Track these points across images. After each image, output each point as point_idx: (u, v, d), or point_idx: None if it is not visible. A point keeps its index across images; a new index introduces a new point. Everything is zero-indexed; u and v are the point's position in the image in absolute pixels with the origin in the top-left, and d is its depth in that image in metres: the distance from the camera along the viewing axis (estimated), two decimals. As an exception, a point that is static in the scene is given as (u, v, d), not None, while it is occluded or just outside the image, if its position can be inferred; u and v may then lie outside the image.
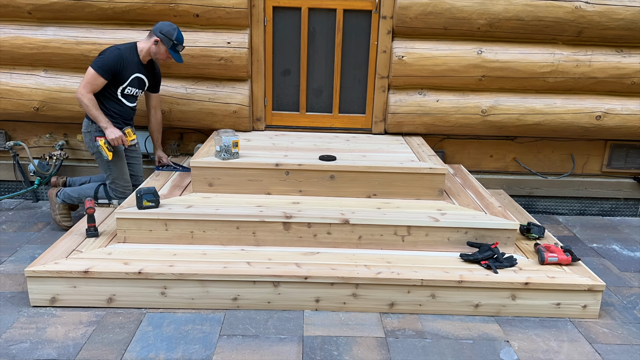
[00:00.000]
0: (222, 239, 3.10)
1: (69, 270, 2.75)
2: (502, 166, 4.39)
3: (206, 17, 3.77)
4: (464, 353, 2.55)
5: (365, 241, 3.12)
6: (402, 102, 4.03)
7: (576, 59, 3.90)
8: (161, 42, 3.41)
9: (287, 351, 2.51)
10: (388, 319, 2.82)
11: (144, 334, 2.61)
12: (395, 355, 2.51)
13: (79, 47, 3.81)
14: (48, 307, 2.80)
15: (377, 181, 3.39)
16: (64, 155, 4.15)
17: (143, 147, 4.17)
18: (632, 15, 3.75)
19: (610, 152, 4.35)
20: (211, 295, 2.82)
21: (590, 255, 3.73)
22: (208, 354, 2.47)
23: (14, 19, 3.82)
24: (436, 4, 3.73)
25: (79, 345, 2.51)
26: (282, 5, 3.91)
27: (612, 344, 2.68)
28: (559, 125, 4.06)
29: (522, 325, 2.81)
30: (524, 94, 4.03)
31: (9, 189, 4.38)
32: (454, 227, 3.10)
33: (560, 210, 4.53)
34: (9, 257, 3.35)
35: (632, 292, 3.21)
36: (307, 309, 2.86)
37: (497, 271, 2.88)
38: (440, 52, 3.88)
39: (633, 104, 4.05)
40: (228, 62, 3.87)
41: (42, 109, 3.97)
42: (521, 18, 3.76)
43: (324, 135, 4.12)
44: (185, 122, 4.05)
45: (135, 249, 3.03)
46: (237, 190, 3.39)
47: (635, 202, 4.52)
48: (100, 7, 3.71)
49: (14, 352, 2.45)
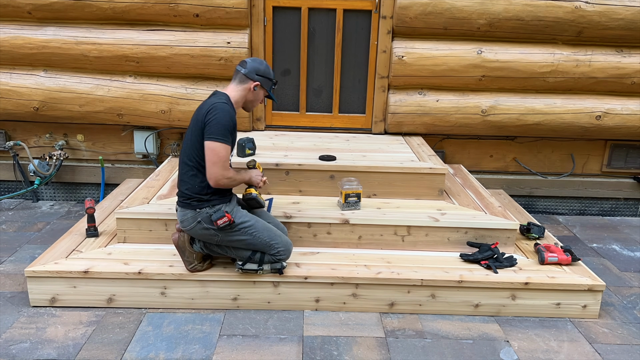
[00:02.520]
0: (222, 239, 3.10)
1: (69, 270, 2.75)
2: (502, 166, 4.39)
3: (206, 17, 3.77)
4: (464, 353, 2.55)
5: (365, 241, 3.12)
6: (402, 102, 4.03)
7: (576, 59, 3.90)
8: (261, 85, 2.74)
9: (287, 351, 2.51)
10: (388, 319, 2.82)
11: (144, 334, 2.60)
12: (395, 355, 2.51)
13: (78, 47, 3.81)
14: (48, 307, 2.80)
15: (377, 181, 3.39)
16: (64, 155, 4.15)
17: (143, 146, 4.17)
18: (632, 15, 3.74)
19: (610, 152, 4.35)
20: (211, 295, 2.82)
21: (590, 255, 3.73)
22: (208, 354, 2.47)
23: (14, 19, 3.82)
24: (436, 4, 3.73)
25: (79, 345, 2.51)
26: (282, 5, 3.91)
27: (612, 344, 2.68)
28: (559, 125, 4.06)
29: (522, 325, 2.81)
30: (524, 94, 4.03)
31: (9, 189, 4.38)
32: (454, 227, 3.10)
33: (560, 210, 4.53)
34: (9, 257, 3.35)
35: (632, 292, 3.21)
36: (307, 309, 2.86)
37: (497, 271, 2.88)
38: (440, 52, 3.88)
39: (633, 104, 4.05)
40: (228, 62, 3.86)
41: (42, 109, 3.97)
42: (521, 18, 3.76)
43: (323, 135, 4.12)
44: (185, 122, 4.04)
45: (135, 249, 3.02)
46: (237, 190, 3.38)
47: (635, 202, 4.51)
48: (100, 7, 3.71)
49: (14, 352, 2.45)
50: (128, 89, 3.93)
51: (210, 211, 2.61)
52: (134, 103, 3.95)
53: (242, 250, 2.73)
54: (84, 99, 3.93)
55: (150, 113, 3.99)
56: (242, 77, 2.70)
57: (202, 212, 2.61)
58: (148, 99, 3.95)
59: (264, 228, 2.72)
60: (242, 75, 2.70)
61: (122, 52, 3.81)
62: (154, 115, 4.00)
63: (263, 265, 2.75)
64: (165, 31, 3.82)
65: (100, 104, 3.95)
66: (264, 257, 2.74)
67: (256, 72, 2.70)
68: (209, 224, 2.61)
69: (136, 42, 3.80)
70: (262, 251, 2.73)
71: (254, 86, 2.70)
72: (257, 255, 2.73)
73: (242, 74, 2.70)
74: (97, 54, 3.82)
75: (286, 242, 2.77)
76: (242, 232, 2.66)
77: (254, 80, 2.70)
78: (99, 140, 4.26)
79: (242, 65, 2.71)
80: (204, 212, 2.61)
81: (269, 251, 2.73)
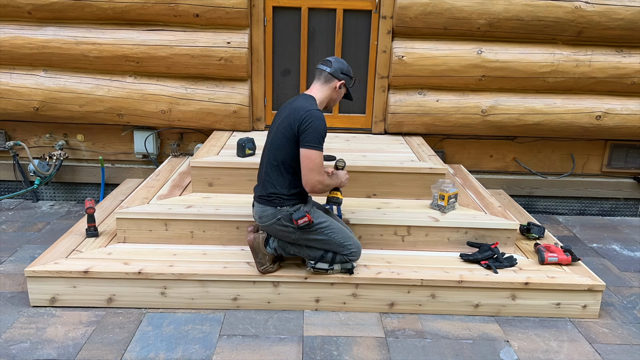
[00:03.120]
0: (222, 239, 3.10)
1: (69, 270, 2.75)
2: (502, 166, 4.39)
3: (206, 17, 3.77)
4: (464, 353, 2.55)
5: (365, 241, 3.11)
6: (402, 102, 4.03)
7: (576, 59, 3.90)
8: (344, 84, 2.76)
9: (287, 351, 2.51)
10: (388, 319, 2.82)
11: (144, 334, 2.60)
12: (395, 355, 2.51)
13: (78, 47, 3.81)
14: (48, 307, 2.80)
15: (377, 181, 3.39)
16: (63, 155, 4.15)
17: (143, 146, 4.17)
18: (632, 15, 3.74)
19: (610, 152, 4.35)
20: (211, 295, 2.82)
21: (590, 255, 3.73)
22: (208, 354, 2.47)
23: (14, 19, 3.82)
24: (436, 4, 3.73)
25: (79, 345, 2.51)
26: (282, 5, 3.91)
27: (612, 344, 2.68)
28: (559, 125, 4.06)
29: (522, 325, 2.81)
30: (524, 94, 4.03)
31: (9, 189, 4.38)
32: (454, 227, 3.10)
33: (560, 210, 4.53)
34: (9, 257, 3.35)
35: (632, 292, 3.21)
36: (307, 309, 2.86)
37: (497, 271, 2.88)
38: (440, 52, 3.88)
39: (633, 104, 4.05)
40: (228, 62, 3.86)
41: (42, 109, 3.97)
42: (521, 18, 3.76)
43: (324, 135, 4.12)
44: (185, 122, 4.05)
45: (135, 249, 3.02)
46: (237, 190, 3.39)
47: (635, 202, 4.51)
48: (100, 7, 3.71)
49: (14, 352, 2.45)
50: (128, 89, 3.93)
51: (290, 210, 2.65)
52: (134, 103, 3.95)
53: (315, 250, 2.76)
54: (84, 99, 3.93)
55: (150, 113, 3.99)
56: (327, 77, 2.72)
57: (283, 210, 2.65)
58: (148, 99, 3.95)
59: (339, 229, 2.76)
60: (328, 74, 2.71)
61: (122, 52, 3.82)
62: (154, 115, 4.00)
63: (334, 264, 2.78)
64: (165, 31, 3.82)
65: (100, 104, 3.95)
66: (335, 257, 2.76)
67: (341, 71, 2.73)
68: (288, 222, 2.65)
69: (136, 42, 3.80)
70: (335, 251, 2.76)
71: (340, 85, 2.73)
72: (329, 254, 2.76)
73: (327, 73, 2.71)
74: (97, 54, 3.82)
75: (358, 244, 2.81)
76: (319, 232, 2.70)
77: (339, 79, 2.72)
78: (99, 140, 4.27)
79: (327, 65, 2.73)
80: (285, 210, 2.65)
81: (341, 251, 2.76)
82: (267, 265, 2.80)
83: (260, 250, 2.78)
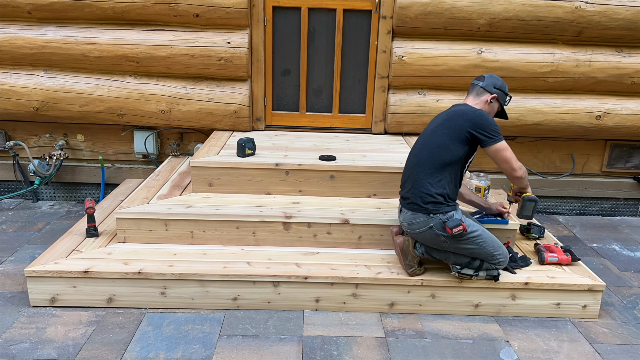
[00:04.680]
0: (222, 239, 3.10)
1: (69, 270, 2.75)
2: (502, 166, 4.39)
3: (206, 17, 3.77)
4: (464, 353, 2.55)
5: (365, 241, 3.12)
6: (402, 102, 4.03)
7: (576, 58, 3.90)
8: (497, 98, 2.79)
9: (287, 351, 2.51)
10: (388, 319, 2.82)
11: (144, 334, 2.60)
12: (395, 355, 2.51)
13: (78, 47, 3.81)
14: (48, 307, 2.80)
15: (377, 181, 3.39)
16: (63, 155, 4.15)
17: (143, 146, 4.17)
18: (632, 15, 3.74)
19: (610, 152, 4.35)
20: (211, 295, 2.82)
21: (590, 255, 3.73)
22: (208, 354, 2.47)
23: (14, 19, 3.82)
24: (436, 4, 3.73)
25: (79, 345, 2.51)
26: (282, 5, 3.91)
27: (612, 344, 2.68)
28: (559, 125, 4.06)
29: (522, 325, 2.81)
30: (523, 94, 4.03)
31: (9, 189, 4.38)
32: (454, 227, 3.09)
33: (560, 210, 4.53)
34: (9, 257, 3.35)
35: (632, 292, 3.21)
36: (307, 309, 2.86)
37: (515, 271, 2.88)
38: (440, 52, 3.88)
39: (633, 104, 4.05)
40: (228, 62, 3.86)
41: (42, 109, 3.97)
42: (521, 18, 3.76)
43: (323, 135, 4.12)
44: (185, 122, 4.05)
45: (135, 249, 3.02)
46: (237, 190, 3.39)
47: (635, 202, 4.51)
48: (100, 7, 3.71)
49: (13, 352, 2.45)
50: (128, 89, 3.93)
51: (443, 218, 2.63)
52: (134, 103, 3.95)
53: (462, 257, 2.75)
54: (84, 99, 3.93)
55: (150, 113, 3.99)
56: (479, 90, 2.78)
57: (436, 218, 2.64)
58: (148, 99, 3.95)
59: (490, 239, 2.73)
60: (480, 88, 2.78)
61: (122, 52, 3.82)
62: (154, 115, 4.00)
63: (479, 271, 2.77)
64: (165, 31, 3.82)
65: (100, 104, 3.95)
66: (482, 264, 2.75)
67: (494, 85, 2.77)
68: (441, 230, 2.64)
69: (136, 42, 3.80)
70: (482, 259, 2.74)
71: (491, 98, 2.76)
72: (476, 262, 2.75)
73: (479, 87, 2.78)
74: (97, 54, 3.82)
75: (506, 253, 2.79)
76: (470, 241, 2.67)
77: (491, 92, 2.76)
78: (99, 140, 4.27)
79: (480, 79, 2.80)
80: (437, 217, 2.64)
81: (489, 260, 2.74)
82: (415, 268, 2.81)
83: (410, 252, 2.79)
